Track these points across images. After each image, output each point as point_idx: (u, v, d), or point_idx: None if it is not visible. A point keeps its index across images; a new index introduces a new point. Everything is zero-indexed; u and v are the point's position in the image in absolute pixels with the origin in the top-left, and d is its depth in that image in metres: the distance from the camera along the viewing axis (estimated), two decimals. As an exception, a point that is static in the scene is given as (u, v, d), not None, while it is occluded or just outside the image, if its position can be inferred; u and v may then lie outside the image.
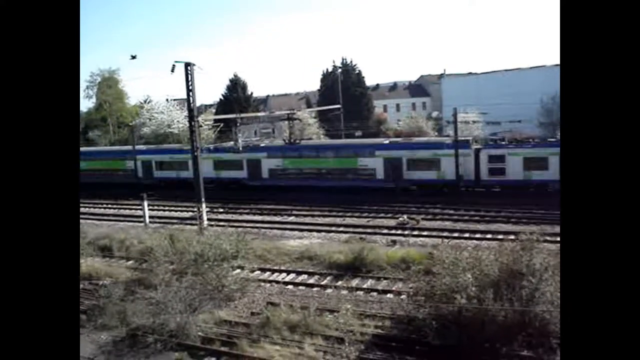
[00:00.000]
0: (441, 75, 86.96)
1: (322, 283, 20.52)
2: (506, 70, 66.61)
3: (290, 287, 20.38)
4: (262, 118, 72.00)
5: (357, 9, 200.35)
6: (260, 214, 33.81)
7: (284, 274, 21.87)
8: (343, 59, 71.59)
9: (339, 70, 70.54)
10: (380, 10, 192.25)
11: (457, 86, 70.46)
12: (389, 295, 18.59)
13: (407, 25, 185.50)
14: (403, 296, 17.82)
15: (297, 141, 44.26)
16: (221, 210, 35.31)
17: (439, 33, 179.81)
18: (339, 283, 20.28)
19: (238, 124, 40.21)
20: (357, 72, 71.53)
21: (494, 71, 69.50)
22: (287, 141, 44.11)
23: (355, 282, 20.20)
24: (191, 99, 28.85)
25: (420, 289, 15.57)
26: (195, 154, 28.89)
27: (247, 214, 34.40)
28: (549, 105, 53.01)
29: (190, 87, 28.52)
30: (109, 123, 73.67)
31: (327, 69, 71.21)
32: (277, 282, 20.91)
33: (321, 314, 16.74)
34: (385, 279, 20.13)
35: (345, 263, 21.77)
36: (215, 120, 64.76)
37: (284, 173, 40.81)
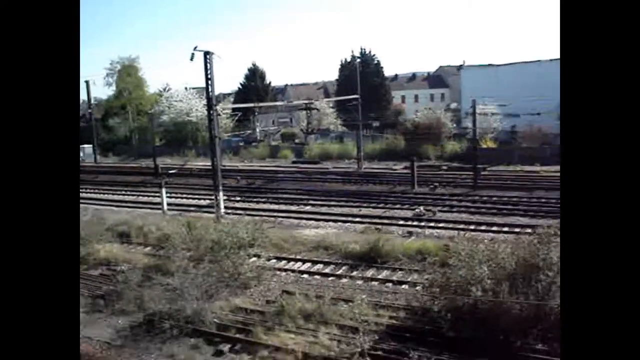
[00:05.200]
0: (460, 67, 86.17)
1: (338, 273, 20.54)
2: (526, 62, 65.68)
3: (305, 276, 20.42)
4: (280, 107, 72.12)
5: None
6: (277, 203, 33.93)
7: (299, 263, 21.93)
8: (362, 49, 71.39)
9: (357, 60, 70.32)
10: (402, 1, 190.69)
11: (476, 77, 69.68)
12: (404, 286, 18.57)
13: (427, 14, 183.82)
14: (418, 287, 17.80)
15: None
16: (238, 198, 35.48)
17: (459, 23, 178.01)
18: (354, 273, 20.33)
19: (256, 113, 40.40)
20: (375, 62, 71.25)
21: (514, 63, 68.59)
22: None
23: (370, 273, 20.22)
24: (210, 87, 29.03)
25: (435, 281, 15.56)
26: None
27: (264, 202, 34.55)
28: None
29: (210, 76, 28.68)
30: (128, 110, 74.24)
31: (345, 59, 70.91)
32: (293, 270, 20.98)
33: (336, 303, 16.76)
34: (401, 270, 20.09)
35: (360, 253, 21.76)
36: (234, 109, 65.35)
37: None
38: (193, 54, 27.73)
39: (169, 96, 70.00)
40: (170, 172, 44.05)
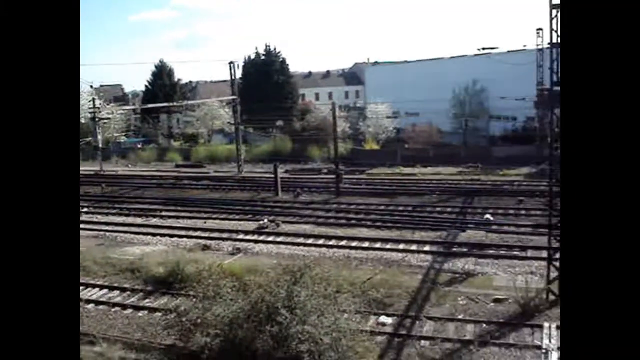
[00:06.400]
0: (375, 63, 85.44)
1: (126, 302, 18.50)
2: (430, 59, 65.07)
3: (90, 306, 18.30)
4: (185, 106, 69.42)
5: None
6: (127, 215, 31.51)
7: (95, 289, 19.77)
8: (266, 46, 69.19)
9: (262, 57, 68.32)
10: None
11: (381, 76, 68.80)
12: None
13: (346, 9, 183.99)
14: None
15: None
16: (85, 209, 32.82)
17: (380, 17, 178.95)
18: (144, 302, 18.38)
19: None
20: (280, 59, 69.17)
21: (420, 60, 67.94)
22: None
23: (162, 301, 18.28)
24: None
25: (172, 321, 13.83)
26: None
27: (114, 214, 32.01)
28: (461, 96, 51.88)
29: None
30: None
31: (249, 56, 68.58)
32: (80, 300, 18.77)
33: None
34: (195, 297, 18.22)
35: (162, 277, 19.84)
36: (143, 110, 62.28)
37: None
38: None
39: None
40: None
